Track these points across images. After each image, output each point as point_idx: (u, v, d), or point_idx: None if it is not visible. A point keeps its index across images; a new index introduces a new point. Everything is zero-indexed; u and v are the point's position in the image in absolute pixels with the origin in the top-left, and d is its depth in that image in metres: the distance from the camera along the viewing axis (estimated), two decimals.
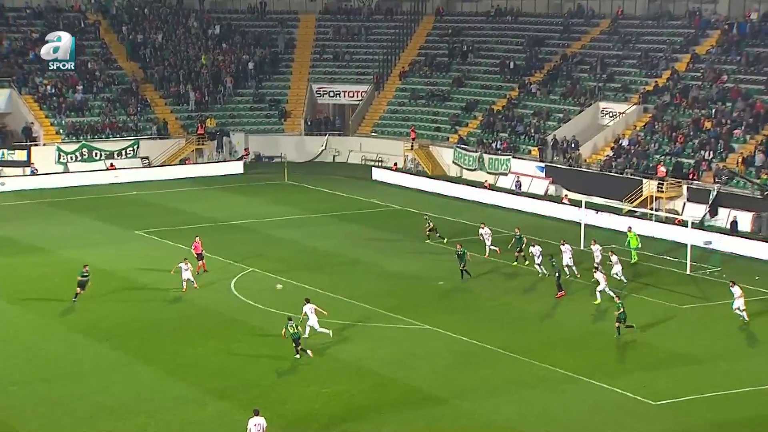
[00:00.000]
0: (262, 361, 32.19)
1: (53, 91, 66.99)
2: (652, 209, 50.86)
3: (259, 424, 24.76)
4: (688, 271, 42.22)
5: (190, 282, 38.71)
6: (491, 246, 43.67)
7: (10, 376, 30.75)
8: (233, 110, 71.35)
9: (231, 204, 56.72)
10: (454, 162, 64.44)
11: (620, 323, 33.83)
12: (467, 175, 62.92)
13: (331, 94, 73.47)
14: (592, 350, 33.25)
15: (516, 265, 42.35)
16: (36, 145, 63.28)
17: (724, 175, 51.26)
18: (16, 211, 54.51)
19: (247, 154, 68.98)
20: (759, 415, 27.75)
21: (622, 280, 39.87)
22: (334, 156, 70.27)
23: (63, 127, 65.08)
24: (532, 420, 27.72)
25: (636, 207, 51.79)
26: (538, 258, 40.82)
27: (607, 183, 54.99)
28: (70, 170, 63.39)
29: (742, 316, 35.24)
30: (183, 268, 38.63)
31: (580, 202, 48.96)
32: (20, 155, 62.08)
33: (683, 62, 61.75)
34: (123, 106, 67.92)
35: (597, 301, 37.65)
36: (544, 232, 48.83)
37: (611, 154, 57.52)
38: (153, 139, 66.67)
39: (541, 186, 58.95)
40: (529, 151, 61.39)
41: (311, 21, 78.11)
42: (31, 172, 62.07)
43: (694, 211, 50.66)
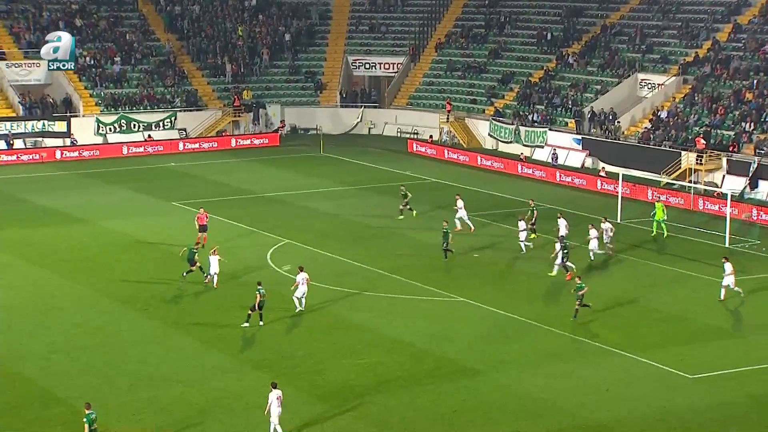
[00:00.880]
0: (297, 332, 32.43)
1: (92, 62, 67.46)
2: (690, 182, 50.30)
3: (280, 397, 24.97)
4: (727, 244, 41.78)
5: (212, 276, 36.15)
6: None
7: (52, 345, 31.24)
8: (269, 82, 71.42)
9: (267, 176, 56.90)
10: (489, 135, 64.11)
11: (579, 303, 32.69)
12: (503, 148, 62.59)
13: (367, 66, 73.27)
14: (628, 323, 33.10)
15: (534, 237, 41.95)
16: (75, 117, 63.86)
17: (766, 147, 50.52)
18: (56, 182, 55.15)
19: (282, 127, 69.11)
20: None
21: (590, 258, 38.77)
22: (370, 128, 70.19)
23: (102, 99, 65.58)
24: (567, 392, 27.70)
25: (674, 180, 51.26)
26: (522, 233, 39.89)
27: (644, 155, 54.47)
28: (109, 141, 63.95)
29: (738, 291, 34.48)
30: (212, 259, 35.98)
31: (618, 174, 48.59)
32: (60, 126, 62.71)
33: (725, 32, 60.76)
34: (161, 77, 68.27)
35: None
36: (580, 205, 48.57)
37: (649, 126, 56.91)
38: (190, 111, 67.01)
39: (578, 159, 58.50)
40: (566, 124, 60.89)
41: None
42: (71, 143, 62.70)
43: (734, 184, 50.04)
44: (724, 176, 51.66)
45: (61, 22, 69.09)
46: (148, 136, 64.92)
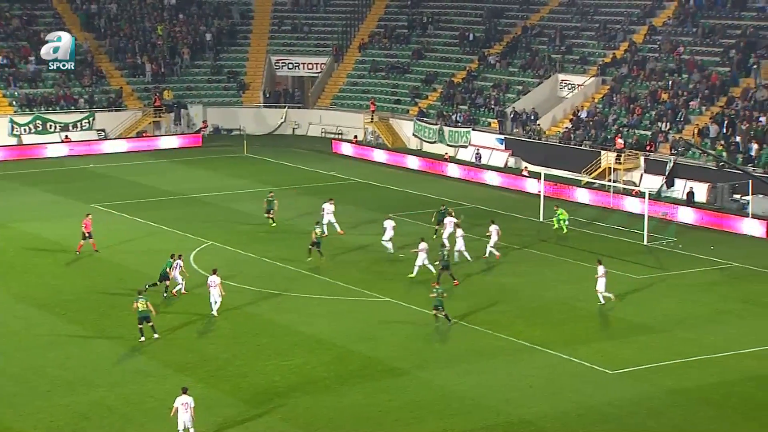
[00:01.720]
0: (221, 335, 32.06)
1: (5, 62, 65.69)
2: (610, 181, 51.24)
3: (186, 403, 24.43)
4: (645, 242, 42.64)
5: (176, 282, 35.01)
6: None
7: None
8: (190, 82, 70.53)
9: (189, 177, 56.19)
10: (414, 134, 64.35)
11: (437, 311, 32.39)
12: (427, 148, 62.89)
13: (290, 66, 72.88)
14: (551, 321, 33.50)
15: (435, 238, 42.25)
16: None
17: (681, 146, 51.72)
18: None
19: (205, 127, 68.31)
20: (715, 383, 28.18)
21: (467, 257, 38.76)
22: (294, 129, 69.84)
23: (16, 99, 63.87)
24: (492, 389, 27.90)
25: (594, 179, 52.14)
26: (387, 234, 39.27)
27: (566, 155, 55.29)
28: (24, 142, 62.32)
29: (608, 296, 34.20)
30: (176, 265, 34.87)
31: (540, 174, 49.24)
32: None
33: (640, 34, 62.06)
34: (77, 77, 66.81)
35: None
36: (503, 204, 49.08)
37: (570, 126, 57.80)
38: (109, 111, 65.72)
39: (500, 158, 59.11)
40: (489, 124, 61.48)
41: None
42: None
43: (652, 183, 51.13)
44: (641, 175, 52.74)
45: None
46: (65, 137, 63.48)
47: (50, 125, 63.56)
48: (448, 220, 40.50)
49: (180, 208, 48.39)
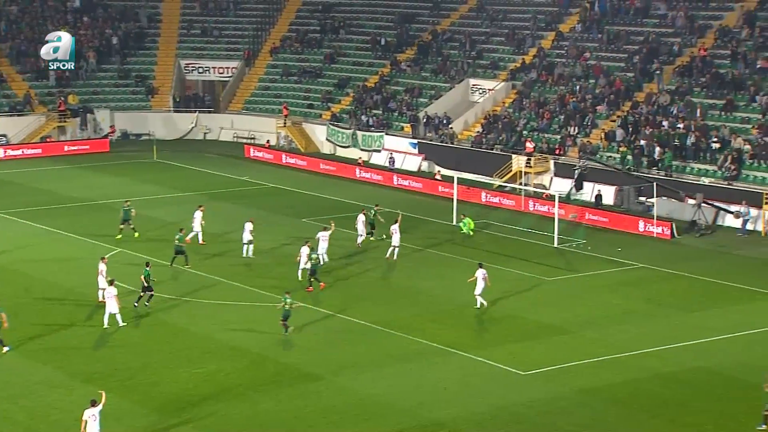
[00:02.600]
0: (132, 343, 31.50)
1: None
2: (521, 184, 51.98)
3: (94, 415, 23.93)
4: (556, 244, 43.38)
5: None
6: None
7: None
8: (97, 86, 69.08)
9: (97, 183, 55.08)
10: (327, 139, 64.25)
11: (285, 321, 32.08)
12: (341, 152, 62.86)
13: (200, 70, 72.01)
14: (464, 323, 33.81)
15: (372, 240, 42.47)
16: None
17: (585, 162, 52.39)
18: None
19: (113, 132, 66.98)
20: (622, 382, 28.77)
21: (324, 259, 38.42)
22: (205, 133, 69.01)
23: None
24: (407, 392, 27.99)
25: (506, 182, 52.83)
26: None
27: (477, 159, 55.91)
28: None
29: (482, 302, 34.31)
30: (101, 269, 34.38)
31: (453, 177, 49.65)
32: None
33: (548, 40, 63.19)
34: None
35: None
36: (418, 208, 49.35)
37: (481, 130, 58.48)
38: (10, 116, 63.90)
39: (414, 162, 59.44)
40: (402, 128, 61.78)
41: None
42: None
43: (561, 186, 52.07)
44: (551, 178, 53.66)
45: None
46: None
47: None
48: (321, 235, 39.42)
49: (88, 215, 47.33)
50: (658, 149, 50.72)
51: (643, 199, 48.97)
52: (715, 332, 32.77)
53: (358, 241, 42.32)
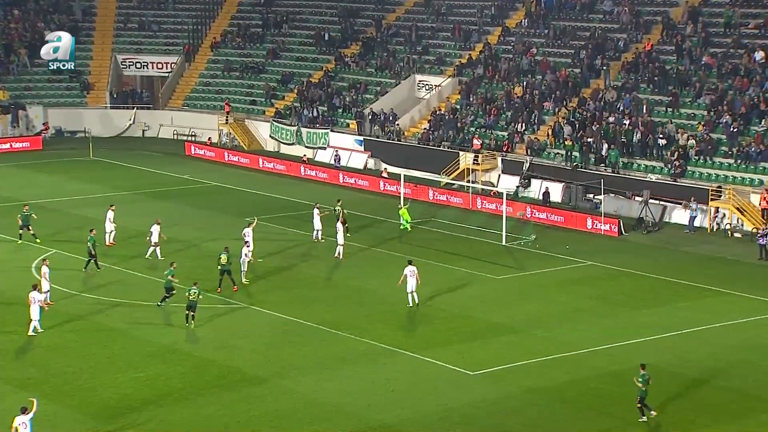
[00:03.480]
0: (67, 347, 30.54)
1: None
2: (468, 181, 51.57)
3: (24, 422, 23.05)
4: (504, 242, 43.01)
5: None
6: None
7: None
8: (29, 82, 67.14)
9: (30, 182, 53.64)
10: (271, 136, 63.25)
11: (191, 312, 31.91)
12: (285, 150, 61.91)
13: (138, 66, 70.46)
14: (411, 324, 33.36)
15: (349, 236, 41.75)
16: None
17: (535, 146, 52.30)
18: None
19: (46, 129, 65.13)
20: (571, 380, 28.54)
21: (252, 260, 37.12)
22: (144, 130, 67.54)
23: None
24: (354, 395, 27.49)
25: (454, 179, 52.41)
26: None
27: (425, 156, 55.40)
28: None
29: (415, 300, 33.96)
30: (44, 271, 33.39)
31: (399, 175, 49.08)
32: None
33: (495, 35, 62.93)
34: None
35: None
36: (364, 206, 48.70)
37: (428, 127, 57.96)
38: None
39: (360, 160, 58.72)
40: (347, 125, 61.02)
41: None
42: None
43: (509, 183, 51.76)
44: (499, 176, 53.36)
45: None
46: None
47: None
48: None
49: (18, 216, 45.69)
50: (605, 146, 50.67)
51: (590, 196, 48.89)
52: (663, 329, 32.73)
53: (318, 237, 41.56)
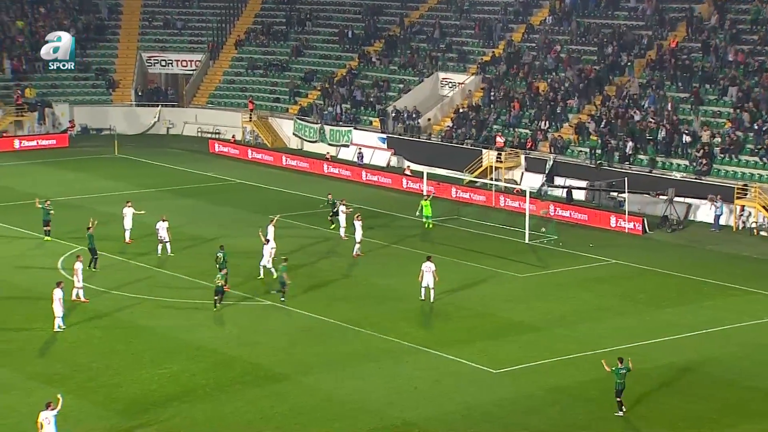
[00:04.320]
0: (93, 343, 30.72)
1: None
2: (492, 179, 51.47)
3: (49, 418, 23.21)
4: (527, 240, 42.88)
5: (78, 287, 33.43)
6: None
7: None
8: (55, 80, 67.61)
9: (56, 179, 53.94)
10: (294, 134, 63.39)
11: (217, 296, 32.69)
12: (308, 147, 62.03)
13: (163, 63, 70.84)
14: (434, 321, 33.28)
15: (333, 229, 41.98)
16: None
17: (559, 144, 52.11)
18: None
19: (72, 127, 65.61)
20: (593, 379, 28.31)
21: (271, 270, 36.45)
22: (168, 128, 67.88)
23: None
24: (376, 392, 27.46)
25: (477, 177, 52.31)
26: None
27: (448, 154, 55.32)
28: None
29: (428, 294, 34.04)
30: (77, 267, 33.50)
31: (422, 173, 49.05)
32: None
33: (518, 32, 62.72)
34: None
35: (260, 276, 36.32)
36: (387, 204, 48.73)
37: (451, 124, 57.88)
38: None
39: (383, 157, 58.72)
40: (371, 122, 61.05)
41: None
42: None
43: (532, 181, 51.60)
44: (522, 173, 53.20)
45: None
46: None
47: None
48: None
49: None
50: (630, 144, 50.41)
51: (614, 194, 48.63)
52: (688, 328, 32.52)
53: (343, 234, 41.64)
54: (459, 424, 25.59)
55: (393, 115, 59.84)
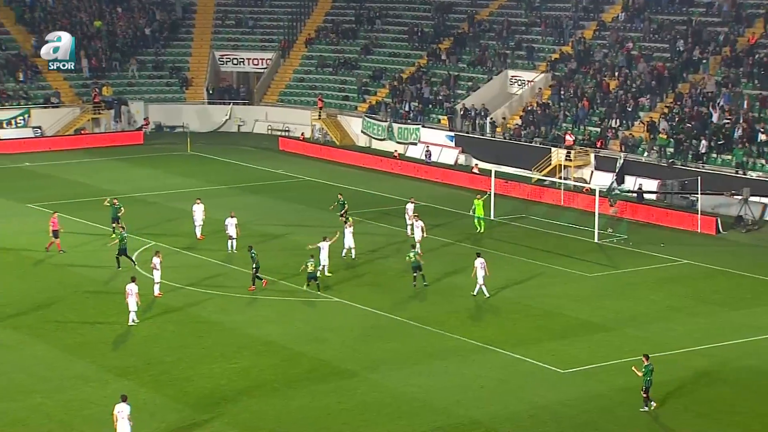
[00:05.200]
0: (165, 337, 31.21)
1: None
2: (560, 178, 51.01)
3: (123, 411, 23.54)
4: (596, 239, 42.41)
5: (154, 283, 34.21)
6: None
7: None
8: (131, 78, 68.95)
9: (131, 176, 54.93)
10: (362, 131, 63.64)
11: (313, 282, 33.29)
12: (376, 145, 62.21)
13: (235, 62, 71.72)
14: (503, 320, 33.10)
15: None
16: None
17: (630, 143, 51.37)
18: None
19: (147, 124, 66.86)
20: (665, 380, 27.84)
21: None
22: (239, 126, 68.71)
23: None
24: (443, 390, 27.41)
25: (545, 176, 51.89)
26: None
27: (516, 152, 54.97)
28: None
29: (482, 290, 34.18)
30: (155, 262, 34.21)
31: (490, 171, 48.83)
32: None
33: (590, 29, 62.03)
34: (11, 72, 64.89)
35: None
36: (455, 202, 48.61)
37: (520, 122, 57.51)
38: (45, 107, 63.95)
39: (451, 155, 58.62)
40: (439, 120, 60.98)
41: None
42: None
43: (602, 180, 51.00)
44: (592, 172, 52.61)
45: None
46: None
47: None
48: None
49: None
50: (703, 142, 49.48)
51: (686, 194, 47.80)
52: (762, 331, 31.86)
53: (408, 232, 41.52)
54: (526, 423, 25.43)
55: (461, 113, 59.69)
